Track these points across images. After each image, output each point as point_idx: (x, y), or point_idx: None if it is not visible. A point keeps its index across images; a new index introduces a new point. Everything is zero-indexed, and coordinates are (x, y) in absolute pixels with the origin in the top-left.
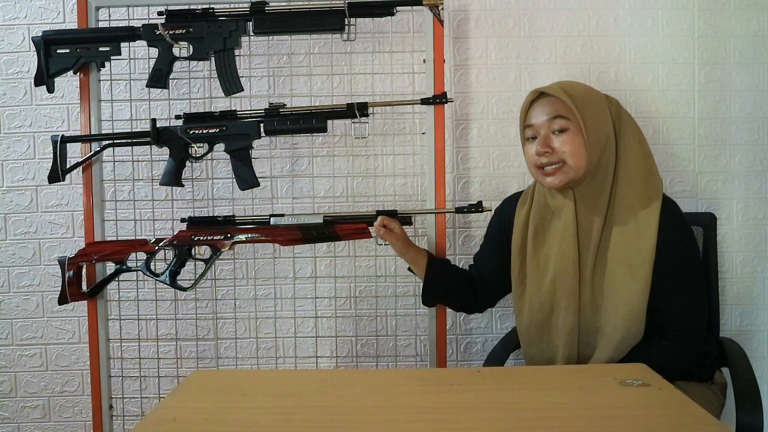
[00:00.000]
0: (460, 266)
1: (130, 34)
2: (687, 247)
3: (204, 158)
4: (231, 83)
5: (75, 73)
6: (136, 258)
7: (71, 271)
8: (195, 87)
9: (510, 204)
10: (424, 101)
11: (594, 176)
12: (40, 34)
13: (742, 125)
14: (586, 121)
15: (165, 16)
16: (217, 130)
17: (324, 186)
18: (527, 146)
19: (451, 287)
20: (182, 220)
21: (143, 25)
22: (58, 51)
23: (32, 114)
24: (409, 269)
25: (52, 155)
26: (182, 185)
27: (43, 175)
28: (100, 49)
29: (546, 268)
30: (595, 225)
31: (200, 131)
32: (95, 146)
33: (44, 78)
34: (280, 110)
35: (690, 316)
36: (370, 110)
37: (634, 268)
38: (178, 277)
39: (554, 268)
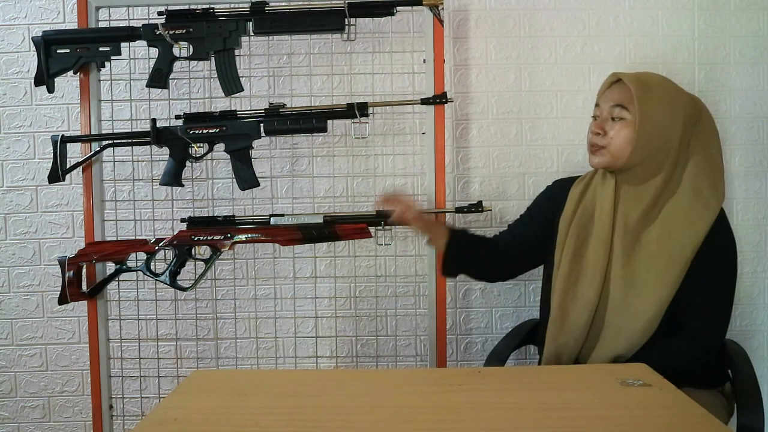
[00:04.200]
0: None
1: (130, 34)
2: (726, 257)
3: (204, 158)
4: (231, 83)
5: (75, 73)
6: (136, 258)
7: (71, 271)
8: (195, 87)
9: (562, 186)
10: (424, 101)
11: (641, 168)
12: (40, 34)
13: (742, 125)
14: (643, 116)
15: (165, 16)
16: (217, 130)
17: (324, 186)
18: (591, 123)
19: (474, 258)
20: (182, 220)
21: (143, 25)
22: (58, 51)
23: (32, 114)
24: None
25: (52, 155)
26: (182, 185)
27: (43, 175)
28: (100, 49)
29: (586, 246)
30: (635, 211)
31: (200, 131)
32: (95, 146)
33: (44, 78)
34: (280, 110)
35: (709, 319)
36: (370, 110)
37: (672, 261)
38: (178, 277)
39: (591, 245)
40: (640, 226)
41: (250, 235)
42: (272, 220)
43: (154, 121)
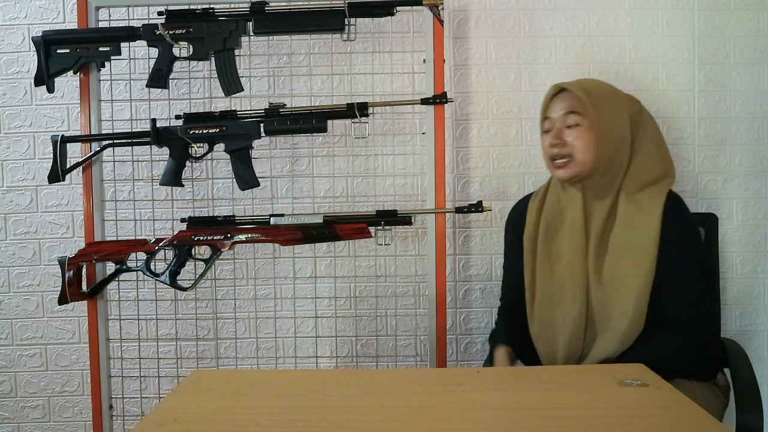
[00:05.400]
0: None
1: (130, 34)
2: (687, 239)
3: (204, 158)
4: (231, 83)
5: (75, 73)
6: (136, 258)
7: (71, 271)
8: (195, 87)
9: (518, 207)
10: (424, 101)
11: (605, 172)
12: (40, 34)
13: (742, 125)
14: (600, 119)
15: (165, 16)
16: (217, 130)
17: (324, 186)
18: (543, 137)
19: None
20: (182, 220)
21: (143, 25)
22: (58, 51)
23: (32, 114)
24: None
25: (52, 155)
26: (182, 185)
27: (43, 175)
28: (100, 49)
29: (558, 261)
30: (600, 219)
31: (200, 131)
32: (95, 146)
33: (44, 78)
34: (280, 110)
35: (689, 307)
36: (370, 110)
37: (639, 256)
38: (178, 277)
39: (565, 259)
40: (606, 229)
41: (250, 235)
42: (272, 220)
43: (154, 121)
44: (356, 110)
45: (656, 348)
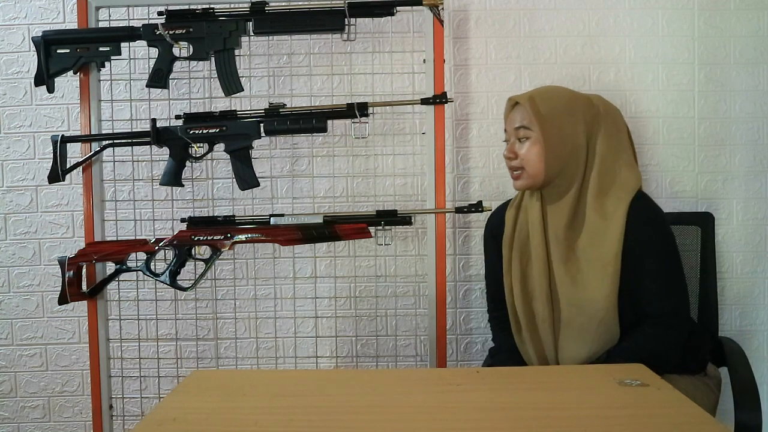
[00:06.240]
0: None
1: (130, 34)
2: (654, 236)
3: (204, 158)
4: (231, 83)
5: (75, 73)
6: (136, 258)
7: (71, 271)
8: (195, 87)
9: (496, 215)
10: (424, 101)
11: (559, 180)
12: (40, 34)
13: (742, 125)
14: (546, 133)
15: (165, 16)
16: (217, 130)
17: (324, 186)
18: (504, 149)
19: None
20: (182, 220)
21: (143, 25)
22: (58, 51)
23: (32, 114)
24: None
25: (52, 155)
26: (182, 185)
27: (43, 175)
28: (100, 49)
29: (530, 265)
30: (560, 224)
31: (200, 131)
32: (95, 146)
33: (44, 78)
34: (280, 110)
35: (668, 299)
36: (370, 110)
37: (605, 260)
38: (178, 277)
39: (533, 261)
40: (571, 237)
41: (250, 235)
42: (272, 220)
43: (154, 121)
44: (356, 110)
45: (643, 344)
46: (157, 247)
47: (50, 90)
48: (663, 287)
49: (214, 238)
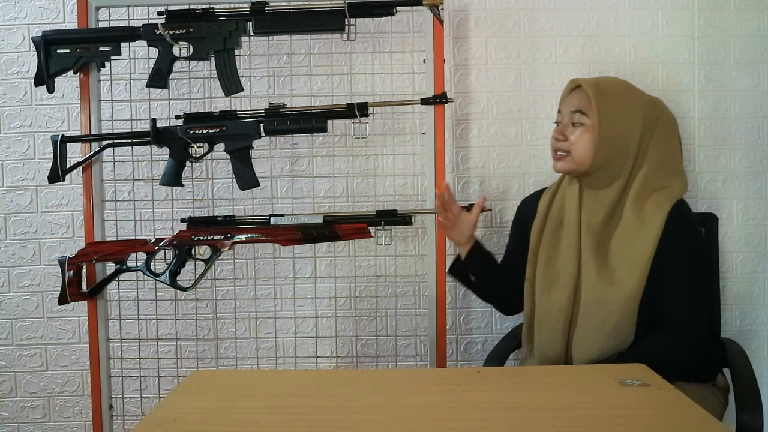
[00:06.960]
0: None
1: (130, 34)
2: (688, 243)
3: (204, 158)
4: (231, 83)
5: (75, 73)
6: (136, 258)
7: (71, 271)
8: (195, 87)
9: (530, 201)
10: (424, 101)
11: (604, 172)
12: (40, 34)
13: (742, 125)
14: (602, 122)
15: (165, 16)
16: (217, 130)
17: (324, 186)
18: (554, 129)
19: (491, 265)
20: (182, 220)
21: (143, 25)
22: (58, 51)
23: (32, 114)
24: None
25: (52, 155)
26: (182, 185)
27: (43, 175)
28: (100, 49)
29: (558, 252)
30: (596, 218)
31: (200, 131)
32: (95, 146)
33: (44, 78)
34: (280, 110)
35: (690, 313)
36: (370, 110)
37: (635, 262)
38: (178, 277)
39: (563, 251)
40: (606, 232)
41: (250, 235)
42: (272, 220)
43: (154, 121)
44: (356, 110)
45: (655, 351)
46: (157, 247)
47: (50, 90)
48: (685, 298)
49: (214, 238)
